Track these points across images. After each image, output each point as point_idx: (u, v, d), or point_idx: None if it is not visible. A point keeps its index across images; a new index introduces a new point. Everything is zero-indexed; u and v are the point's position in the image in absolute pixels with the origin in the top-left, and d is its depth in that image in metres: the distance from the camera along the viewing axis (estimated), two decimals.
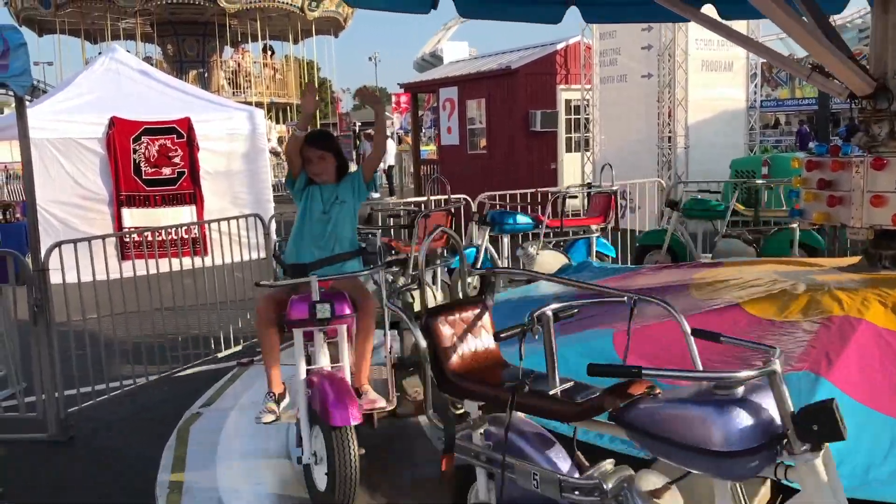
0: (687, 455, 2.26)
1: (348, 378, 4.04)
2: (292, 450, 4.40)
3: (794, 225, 7.60)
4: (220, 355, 6.86)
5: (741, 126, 13.45)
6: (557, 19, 6.80)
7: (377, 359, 4.60)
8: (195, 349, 6.73)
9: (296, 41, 30.58)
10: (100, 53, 16.35)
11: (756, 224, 8.43)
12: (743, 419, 2.17)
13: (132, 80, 12.47)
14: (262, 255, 7.85)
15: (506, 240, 8.64)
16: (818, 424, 2.12)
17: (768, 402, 2.22)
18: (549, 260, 7.64)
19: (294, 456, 4.30)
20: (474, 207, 8.97)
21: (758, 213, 8.55)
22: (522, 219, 8.21)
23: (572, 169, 14.50)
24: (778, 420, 2.20)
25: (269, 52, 31.08)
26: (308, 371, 4.00)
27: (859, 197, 4.62)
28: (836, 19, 16.70)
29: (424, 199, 8.58)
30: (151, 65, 18.06)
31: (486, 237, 7.88)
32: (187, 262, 7.36)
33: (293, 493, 4.08)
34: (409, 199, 10.35)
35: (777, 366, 2.20)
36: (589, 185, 9.64)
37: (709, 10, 6.66)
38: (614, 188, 8.55)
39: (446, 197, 8.85)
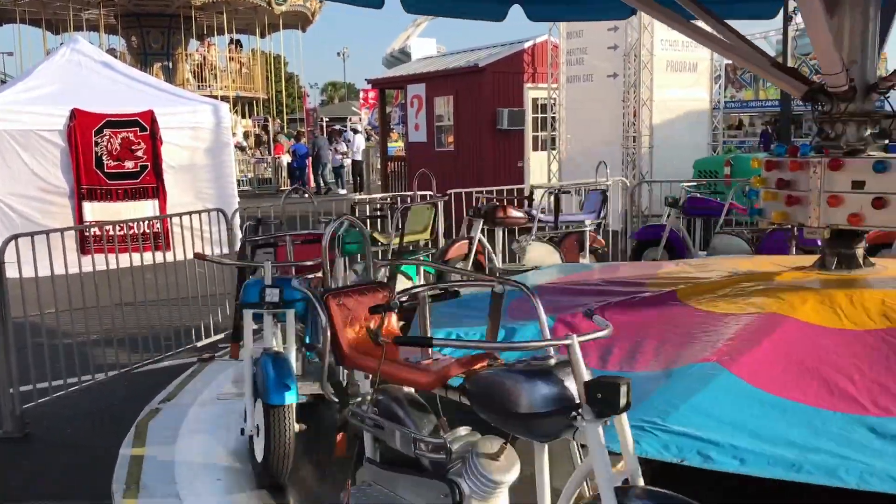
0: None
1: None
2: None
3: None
4: (179, 351, 6.79)
5: (705, 126, 13.61)
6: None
7: None
8: (155, 345, 6.65)
9: (263, 35, 30.35)
10: (61, 44, 16.08)
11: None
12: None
13: (94, 71, 12.30)
14: (226, 250, 7.78)
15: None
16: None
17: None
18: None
19: (254, 457, 4.29)
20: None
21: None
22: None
23: (539, 167, 14.57)
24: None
25: (236, 46, 30.82)
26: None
27: (816, 197, 4.70)
28: (799, 22, 16.98)
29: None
30: (115, 57, 17.80)
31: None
32: (149, 256, 7.26)
33: (252, 489, 4.06)
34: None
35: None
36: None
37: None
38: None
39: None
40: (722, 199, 8.92)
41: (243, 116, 31.58)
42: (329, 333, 3.46)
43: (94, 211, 11.01)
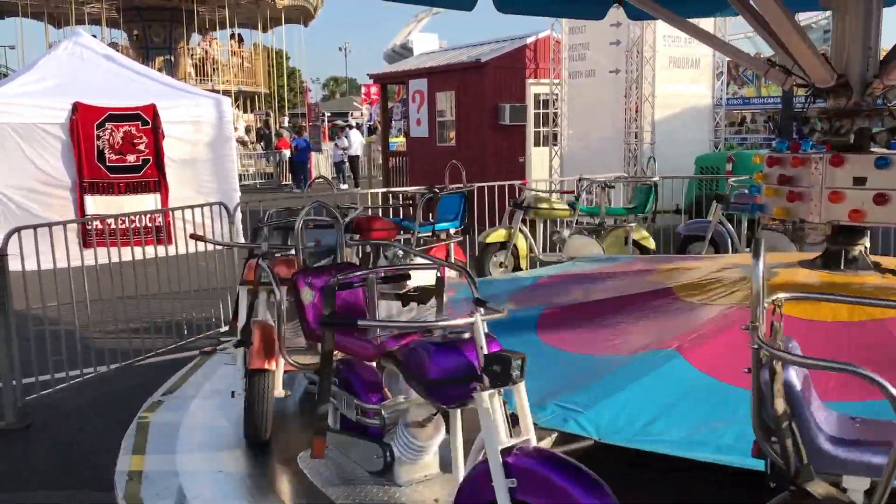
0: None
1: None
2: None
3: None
4: (181, 344, 6.81)
5: (707, 123, 13.59)
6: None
7: None
8: (157, 338, 6.66)
9: (265, 29, 30.35)
10: (64, 38, 16.08)
11: None
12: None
13: (97, 65, 12.30)
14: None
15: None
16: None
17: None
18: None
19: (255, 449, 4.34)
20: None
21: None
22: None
23: (540, 163, 14.56)
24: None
25: (238, 40, 30.79)
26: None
27: (818, 193, 4.70)
28: (801, 19, 16.99)
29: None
30: (117, 50, 17.79)
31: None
32: (151, 250, 7.28)
33: (254, 480, 4.07)
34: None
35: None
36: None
37: None
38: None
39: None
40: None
41: (245, 111, 31.58)
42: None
43: (96, 204, 11.02)
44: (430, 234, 7.52)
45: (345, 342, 3.47)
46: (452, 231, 7.78)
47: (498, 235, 8.45)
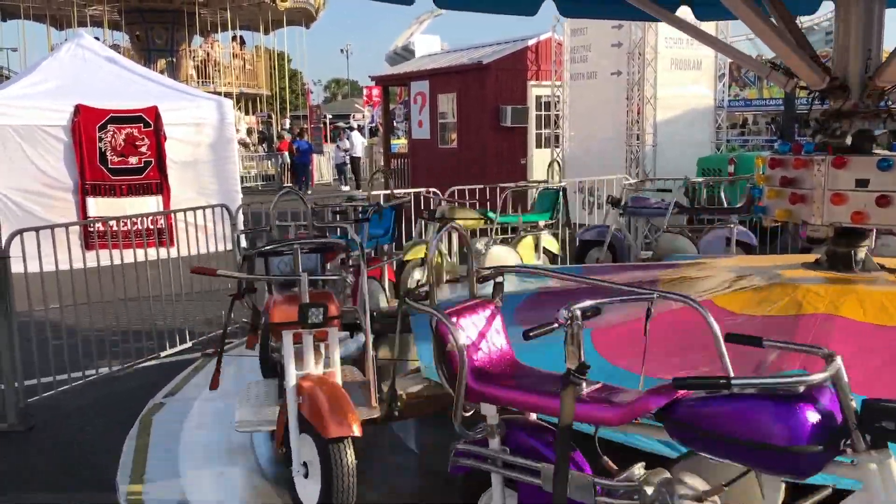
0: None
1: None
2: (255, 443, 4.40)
3: None
4: (183, 346, 6.81)
5: (709, 124, 13.59)
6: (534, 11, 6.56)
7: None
8: (159, 340, 6.66)
9: (266, 32, 30.39)
10: (66, 40, 16.10)
11: None
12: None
13: (99, 67, 12.33)
14: (229, 245, 7.79)
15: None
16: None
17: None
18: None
19: (257, 451, 4.31)
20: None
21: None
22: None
23: (542, 165, 14.55)
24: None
25: (240, 43, 30.85)
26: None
27: (820, 195, 4.69)
28: (804, 21, 16.99)
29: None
30: (119, 53, 17.81)
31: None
32: (153, 252, 7.27)
33: (255, 482, 4.08)
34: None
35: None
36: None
37: (683, 10, 6.78)
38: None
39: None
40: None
41: (246, 113, 31.62)
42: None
43: (98, 206, 11.03)
44: (372, 250, 6.89)
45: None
46: (386, 247, 7.30)
47: (418, 252, 7.70)
